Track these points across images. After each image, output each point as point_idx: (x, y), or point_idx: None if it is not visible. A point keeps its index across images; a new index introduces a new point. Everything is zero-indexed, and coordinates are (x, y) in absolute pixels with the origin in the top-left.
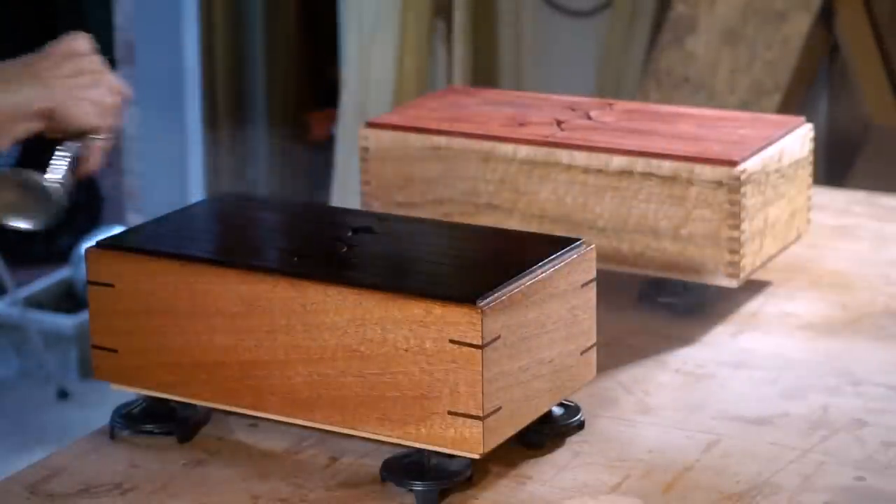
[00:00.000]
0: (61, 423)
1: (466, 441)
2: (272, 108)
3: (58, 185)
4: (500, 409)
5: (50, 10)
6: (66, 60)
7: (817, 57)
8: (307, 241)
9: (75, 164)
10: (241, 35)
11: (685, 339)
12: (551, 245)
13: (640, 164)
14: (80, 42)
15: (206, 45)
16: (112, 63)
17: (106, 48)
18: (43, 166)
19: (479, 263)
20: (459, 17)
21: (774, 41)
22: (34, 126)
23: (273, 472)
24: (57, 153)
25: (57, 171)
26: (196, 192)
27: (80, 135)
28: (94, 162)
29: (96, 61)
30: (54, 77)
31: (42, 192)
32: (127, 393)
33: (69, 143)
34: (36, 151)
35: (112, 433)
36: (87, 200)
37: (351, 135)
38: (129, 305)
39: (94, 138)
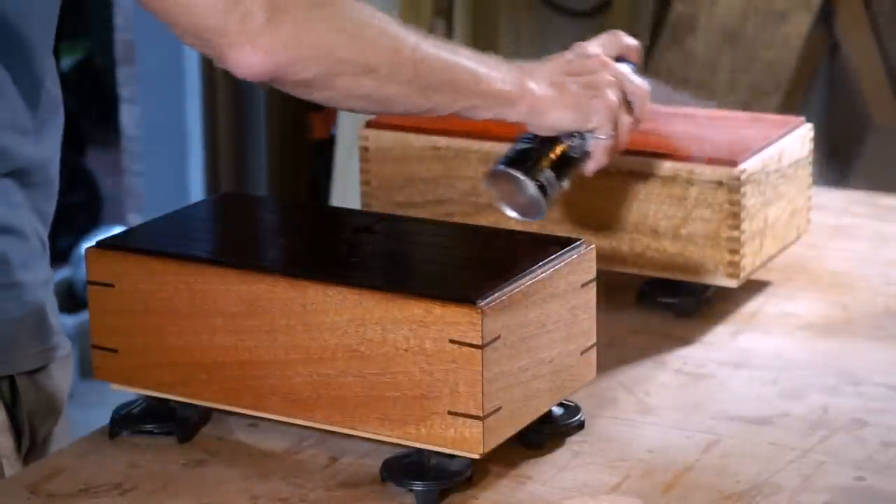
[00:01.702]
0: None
1: (466, 441)
2: (272, 108)
3: (540, 192)
4: (500, 409)
5: None
6: (580, 64)
7: (817, 57)
8: (307, 241)
9: (570, 161)
10: None
11: (685, 339)
12: (551, 245)
13: (640, 164)
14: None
15: None
16: (112, 63)
17: (106, 48)
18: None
19: (479, 263)
20: (459, 17)
21: (774, 41)
22: (504, 114)
23: (273, 472)
24: (547, 150)
25: (543, 172)
26: (196, 192)
27: (573, 133)
28: (597, 161)
29: (615, 70)
30: (557, 73)
31: (530, 196)
32: (127, 393)
33: (570, 142)
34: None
35: (112, 433)
36: (87, 200)
37: (351, 135)
38: (129, 305)
39: (593, 136)
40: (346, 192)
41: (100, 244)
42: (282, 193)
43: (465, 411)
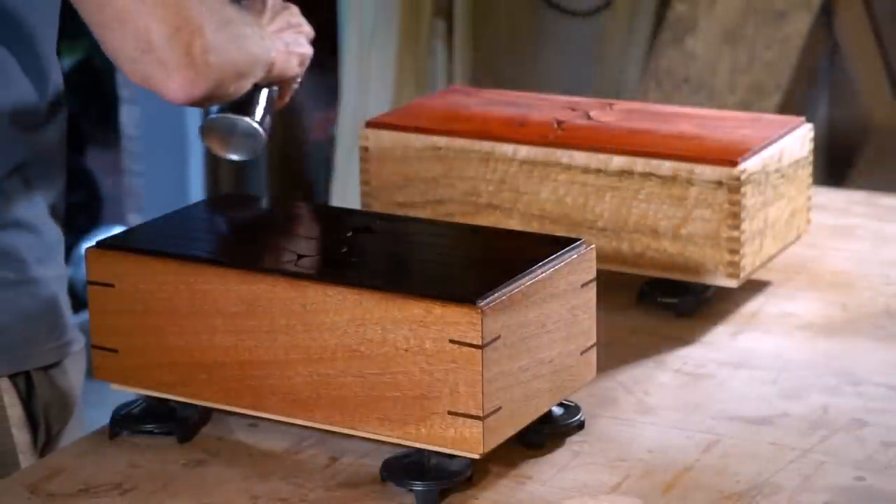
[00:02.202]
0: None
1: (466, 441)
2: None
3: (260, 126)
4: (500, 409)
5: None
6: (277, 15)
7: (817, 57)
8: (307, 241)
9: (272, 104)
10: None
11: (685, 339)
12: (551, 245)
13: (640, 164)
14: None
15: None
16: (112, 63)
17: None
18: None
19: (479, 263)
20: (459, 17)
21: (774, 41)
22: (260, 76)
23: (273, 472)
24: (257, 95)
25: (259, 112)
26: (196, 192)
27: (282, 81)
28: (284, 101)
29: (296, 13)
30: (273, 32)
31: (249, 131)
32: (127, 393)
33: (268, 87)
34: None
35: (112, 433)
36: (87, 200)
37: (351, 135)
38: (129, 305)
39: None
40: (346, 192)
41: (100, 244)
42: (282, 193)
43: (465, 411)
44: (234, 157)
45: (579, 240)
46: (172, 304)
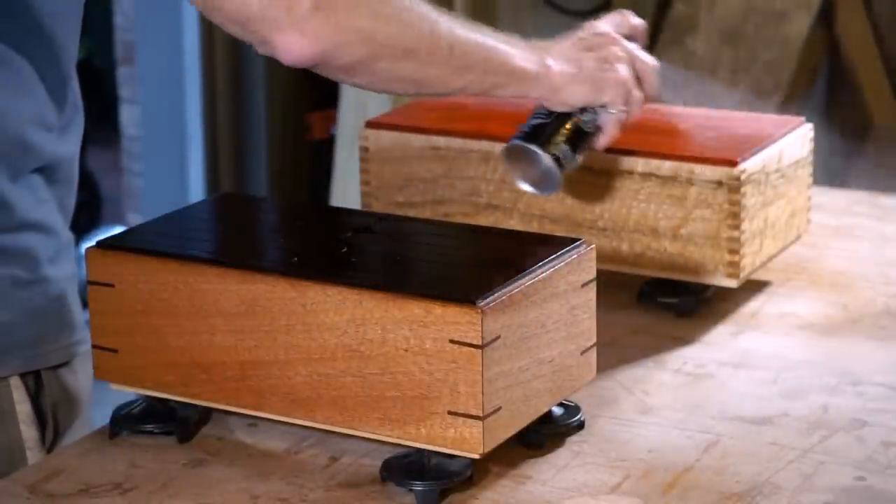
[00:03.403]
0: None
1: (466, 441)
2: (272, 108)
3: (556, 165)
4: (500, 409)
5: None
6: (599, 47)
7: (817, 57)
8: (307, 241)
9: (583, 135)
10: None
11: (685, 339)
12: (551, 245)
13: (640, 164)
14: (601, 25)
15: (207, 44)
16: (112, 63)
17: (106, 48)
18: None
19: (479, 263)
20: (459, 17)
21: (774, 41)
22: (525, 91)
23: (273, 472)
24: (561, 125)
25: (558, 146)
26: (196, 192)
27: (587, 108)
28: (609, 135)
29: (617, 42)
30: (568, 49)
31: (545, 169)
32: (127, 393)
33: (583, 116)
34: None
35: (112, 433)
36: (87, 200)
37: (351, 135)
38: (129, 305)
39: (606, 111)
40: (346, 192)
41: (100, 244)
42: (282, 193)
43: (465, 411)
44: (528, 188)
45: (579, 240)
46: (172, 304)
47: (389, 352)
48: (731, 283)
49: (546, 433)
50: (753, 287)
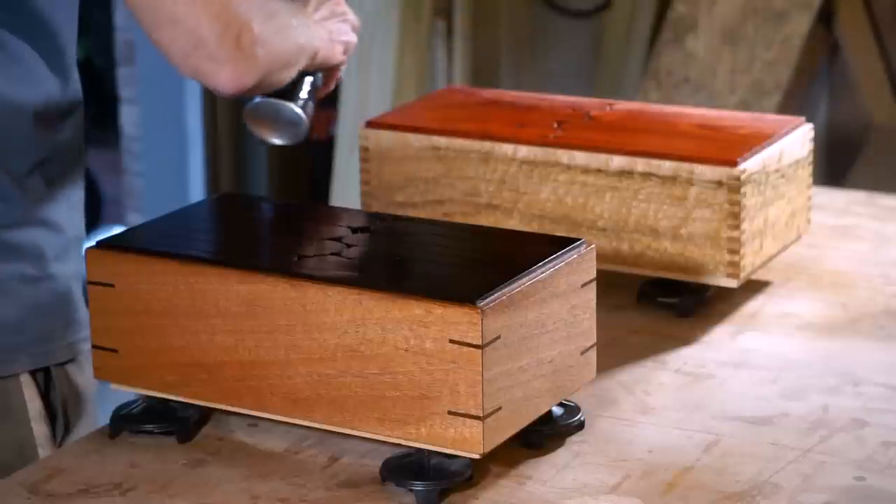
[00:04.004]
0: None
1: (466, 441)
2: None
3: (303, 112)
4: (500, 409)
5: None
6: (322, 4)
7: (817, 57)
8: (307, 241)
9: (315, 91)
10: None
11: (685, 339)
12: (551, 245)
13: (640, 164)
14: None
15: None
16: (112, 63)
17: (106, 48)
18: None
19: (479, 263)
20: (459, 17)
21: (774, 41)
22: (304, 64)
23: (273, 472)
24: (301, 82)
25: (302, 98)
26: (196, 192)
27: (325, 68)
28: (329, 88)
29: (341, 2)
30: (317, 20)
31: (292, 117)
32: (127, 393)
33: (312, 74)
34: None
35: (112, 433)
36: (88, 200)
37: (351, 135)
38: (129, 305)
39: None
40: (346, 192)
41: (100, 244)
42: (282, 193)
43: (465, 411)
44: (277, 141)
45: (579, 240)
46: (172, 304)
47: (389, 352)
48: (732, 283)
49: (546, 433)
50: (753, 287)
